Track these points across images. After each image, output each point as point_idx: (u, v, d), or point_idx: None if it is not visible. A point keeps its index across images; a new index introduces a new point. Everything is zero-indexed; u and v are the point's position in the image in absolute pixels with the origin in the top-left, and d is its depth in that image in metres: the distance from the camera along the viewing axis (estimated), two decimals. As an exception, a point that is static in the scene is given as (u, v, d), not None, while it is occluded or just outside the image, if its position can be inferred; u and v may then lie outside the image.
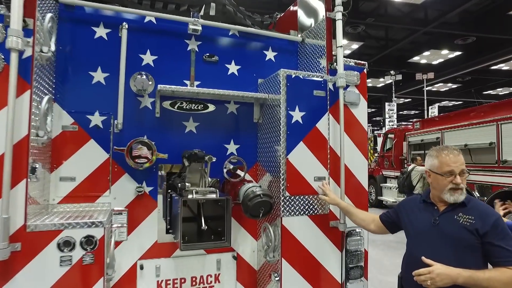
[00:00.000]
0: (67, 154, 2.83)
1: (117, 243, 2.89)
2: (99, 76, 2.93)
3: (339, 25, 3.05)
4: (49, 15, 2.43)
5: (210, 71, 3.28)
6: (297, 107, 2.95)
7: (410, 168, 9.57)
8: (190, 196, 2.53)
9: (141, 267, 2.95)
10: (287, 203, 2.89)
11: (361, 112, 3.26)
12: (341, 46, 3.03)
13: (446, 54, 20.28)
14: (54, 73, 2.79)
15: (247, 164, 3.31)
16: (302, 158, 2.95)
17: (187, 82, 3.20)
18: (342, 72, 3.04)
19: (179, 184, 2.63)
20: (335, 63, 3.10)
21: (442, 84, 25.46)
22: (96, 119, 2.90)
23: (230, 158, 3.13)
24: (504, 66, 21.72)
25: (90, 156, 2.87)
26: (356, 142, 3.21)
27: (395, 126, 19.10)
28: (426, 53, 20.25)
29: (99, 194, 2.90)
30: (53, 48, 2.54)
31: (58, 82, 2.82)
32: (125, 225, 2.94)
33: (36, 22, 2.30)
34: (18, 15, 2.16)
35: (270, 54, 3.51)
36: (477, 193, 8.31)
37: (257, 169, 3.40)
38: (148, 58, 3.08)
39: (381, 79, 24.06)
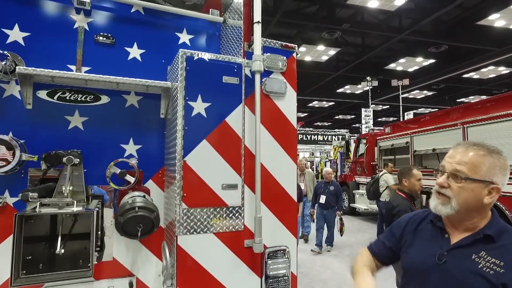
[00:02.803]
0: None
1: None
2: None
3: (256, -2, 2.49)
4: None
5: (104, 54, 2.67)
6: (199, 96, 2.35)
7: (380, 174, 9.12)
8: (29, 209, 1.88)
9: None
10: (184, 218, 2.28)
11: (289, 104, 2.69)
12: (258, 22, 2.47)
13: (421, 61, 20.29)
14: None
15: (151, 169, 2.71)
16: (206, 161, 2.35)
17: (73, 68, 2.58)
18: (259, 54, 2.48)
19: (20, 194, 1.98)
20: (253, 44, 2.54)
21: (418, 91, 25.54)
22: None
23: (116, 160, 2.50)
24: (474, 75, 22.00)
25: None
26: (280, 140, 2.63)
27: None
28: (402, 60, 20.21)
29: None
30: None
31: None
32: None
33: None
34: None
35: (184, 37, 2.93)
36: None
37: (164, 175, 2.78)
38: (15, 34, 2.44)
39: (359, 86, 23.94)
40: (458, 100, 26.82)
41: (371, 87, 21.69)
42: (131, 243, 2.60)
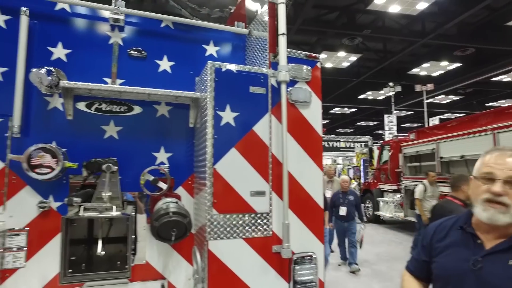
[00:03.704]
0: None
1: (11, 272, 2.38)
2: (-6, 71, 2.48)
3: (281, 9, 2.58)
4: None
5: (137, 67, 2.82)
6: (228, 106, 2.45)
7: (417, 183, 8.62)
8: (71, 213, 2.02)
9: None
10: (214, 223, 2.36)
11: (314, 113, 2.74)
12: (283, 34, 2.55)
13: (446, 65, 19.80)
14: None
15: (181, 176, 2.82)
16: (235, 168, 2.43)
17: (108, 80, 2.74)
18: (285, 65, 2.55)
19: (65, 199, 2.13)
20: (278, 55, 2.62)
21: (443, 96, 24.86)
22: (-12, 122, 2.44)
23: (149, 168, 2.62)
24: (505, 78, 21.13)
25: None
26: (306, 148, 2.68)
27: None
28: (426, 65, 19.80)
29: None
30: None
31: None
32: (24, 248, 2.44)
33: None
34: None
35: (211, 49, 3.05)
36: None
37: (194, 182, 2.88)
38: (59, 52, 2.64)
39: (381, 92, 23.59)
40: (487, 105, 25.85)
41: (394, 93, 21.31)
42: (162, 247, 2.70)
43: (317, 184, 2.74)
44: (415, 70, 20.79)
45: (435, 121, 20.18)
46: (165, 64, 2.90)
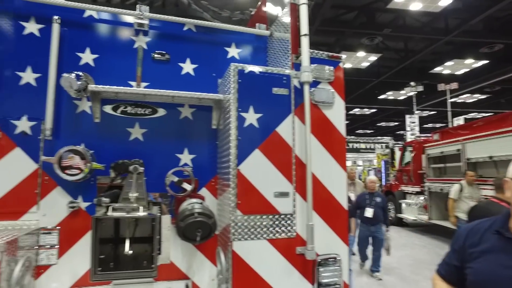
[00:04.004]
0: None
1: (45, 268, 2.48)
2: (28, 76, 2.59)
3: (303, 10, 2.58)
4: None
5: (160, 70, 2.88)
6: (251, 107, 2.46)
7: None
8: (100, 213, 2.07)
9: None
10: (238, 224, 2.37)
11: (337, 113, 2.73)
12: (305, 35, 2.55)
13: (471, 63, 19.14)
14: None
15: (205, 177, 2.85)
16: (258, 169, 2.44)
17: (133, 84, 2.81)
18: (308, 65, 2.54)
19: (95, 199, 2.19)
20: (301, 56, 2.61)
21: (468, 95, 24.04)
22: (23, 125, 2.55)
23: (174, 169, 2.66)
24: (537, 74, 20.19)
25: (14, 167, 2.51)
26: (329, 149, 2.66)
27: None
28: (449, 63, 19.20)
29: (24, 210, 2.51)
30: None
31: None
32: (56, 246, 2.53)
33: None
34: None
35: (233, 51, 3.08)
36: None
37: (217, 183, 2.90)
38: (87, 57, 2.72)
39: (402, 91, 23.08)
40: (516, 103, 24.82)
41: (415, 93, 20.80)
42: (187, 248, 2.74)
43: (341, 185, 2.71)
44: (437, 69, 20.21)
45: (459, 121, 19.53)
46: (188, 67, 2.94)
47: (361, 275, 7.24)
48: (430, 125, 33.18)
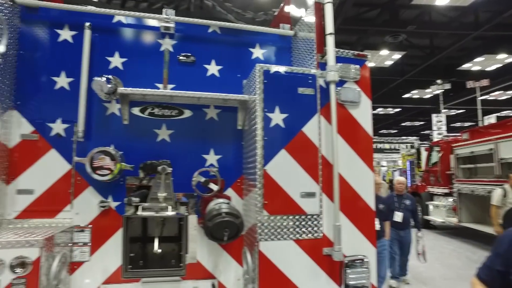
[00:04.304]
0: (26, 165, 2.59)
1: (78, 264, 2.58)
2: (62, 81, 2.71)
3: (328, 9, 2.55)
4: None
5: (186, 72, 2.93)
6: (277, 108, 2.46)
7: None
8: (129, 212, 2.13)
9: None
10: (265, 225, 2.37)
11: (363, 113, 2.68)
12: (331, 34, 2.52)
13: (504, 58, 18.28)
14: (14, 78, 2.60)
15: (230, 177, 2.87)
16: (285, 170, 2.43)
17: (160, 86, 2.87)
18: (333, 65, 2.52)
19: (125, 199, 2.25)
20: (326, 55, 2.58)
21: (501, 92, 22.99)
22: (58, 127, 2.66)
23: (201, 169, 2.70)
24: None
25: (50, 167, 2.62)
26: (356, 149, 2.62)
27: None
28: (479, 59, 18.42)
29: (59, 209, 2.62)
30: (1, 49, 2.34)
31: (20, 88, 2.63)
32: (88, 244, 2.63)
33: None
34: None
35: (257, 52, 3.09)
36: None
37: (243, 183, 2.92)
38: (116, 61, 2.81)
39: (428, 90, 22.38)
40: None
41: (442, 91, 20.12)
42: (213, 247, 2.76)
43: (368, 186, 2.66)
44: (466, 66, 19.44)
45: (491, 119, 18.67)
46: (213, 68, 2.98)
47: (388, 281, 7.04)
48: (458, 124, 32.00)
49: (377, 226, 4.56)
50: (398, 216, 6.12)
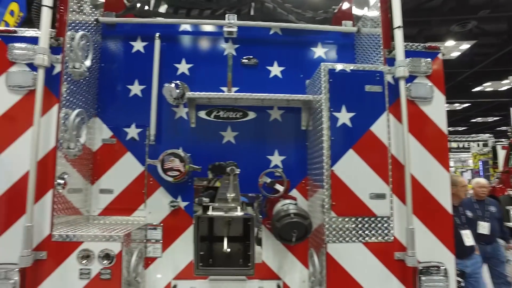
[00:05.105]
0: (107, 167, 2.85)
1: (152, 260, 2.76)
2: (136, 89, 2.93)
3: (395, 2, 2.42)
4: (80, 33, 2.48)
5: (249, 75, 2.99)
6: (343, 107, 2.40)
7: None
8: (199, 212, 2.21)
9: None
10: (333, 226, 2.32)
11: (437, 109, 2.50)
12: (399, 27, 2.39)
13: None
14: (97, 88, 2.88)
15: (295, 178, 2.86)
16: (353, 170, 2.36)
17: (224, 89, 2.97)
18: (402, 59, 2.39)
19: (196, 199, 2.35)
20: (394, 50, 2.46)
21: None
22: (133, 132, 2.88)
23: (267, 170, 2.72)
24: None
25: (126, 169, 2.85)
26: (429, 148, 2.45)
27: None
28: None
29: (135, 208, 2.83)
30: (87, 64, 2.59)
31: (101, 97, 2.90)
32: (160, 241, 2.80)
33: (66, 40, 2.38)
34: (45, 35, 2.27)
35: (319, 51, 3.05)
36: None
37: (307, 184, 2.89)
38: (183, 67, 2.97)
39: (505, 81, 20.19)
40: None
41: (522, 82, 17.99)
42: (278, 248, 2.78)
43: (444, 187, 2.48)
44: (552, 51, 17.16)
45: None
46: (275, 70, 3.00)
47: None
48: (541, 118, 28.42)
49: (471, 240, 4.02)
50: (484, 228, 4.82)
